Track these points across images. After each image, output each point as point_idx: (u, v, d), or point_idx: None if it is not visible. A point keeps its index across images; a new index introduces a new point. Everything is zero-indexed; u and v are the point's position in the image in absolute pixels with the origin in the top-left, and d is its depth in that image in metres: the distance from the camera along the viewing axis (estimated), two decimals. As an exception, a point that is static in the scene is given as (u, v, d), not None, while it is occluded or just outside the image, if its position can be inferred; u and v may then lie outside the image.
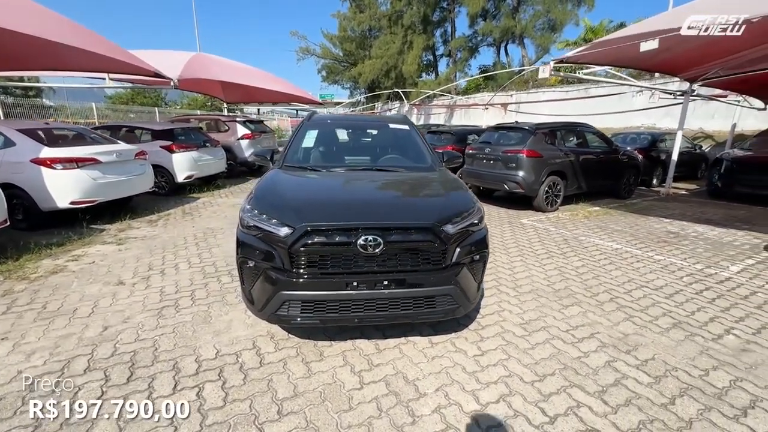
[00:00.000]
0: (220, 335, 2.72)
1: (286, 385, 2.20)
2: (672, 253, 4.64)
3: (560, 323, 2.94)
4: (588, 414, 1.99)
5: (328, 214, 2.32)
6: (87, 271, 3.86)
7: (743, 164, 8.01)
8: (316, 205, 2.48)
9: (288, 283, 2.21)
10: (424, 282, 2.29)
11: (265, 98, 17.65)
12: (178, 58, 9.13)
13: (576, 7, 21.11)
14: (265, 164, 3.76)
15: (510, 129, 7.40)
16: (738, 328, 2.90)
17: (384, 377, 2.28)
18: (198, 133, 8.65)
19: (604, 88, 16.24)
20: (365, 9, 27.86)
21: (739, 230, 5.76)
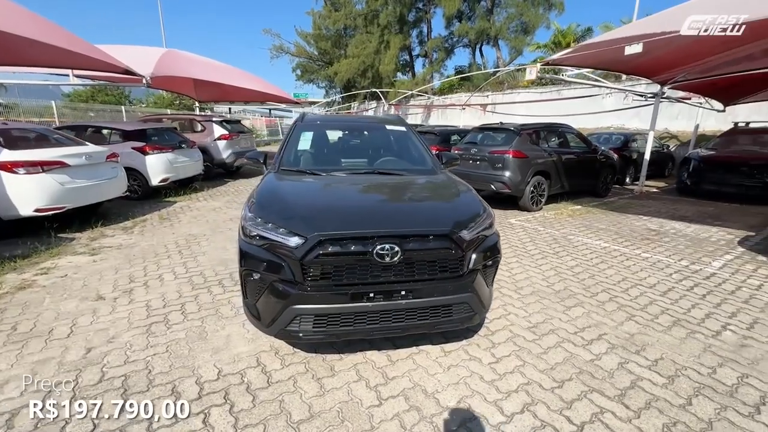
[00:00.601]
0: (220, 353, 2.53)
1: (300, 405, 2.06)
2: (657, 251, 4.80)
3: (567, 325, 2.95)
4: (613, 420, 1.97)
5: (341, 222, 2.19)
6: (60, 286, 3.53)
7: (709, 163, 8.47)
8: (327, 213, 2.34)
9: (300, 297, 2.07)
10: (441, 291, 2.20)
11: (240, 97, 17.08)
12: (148, 55, 8.60)
13: (547, 10, 21.75)
14: (258, 167, 3.57)
15: (495, 130, 7.47)
16: (732, 323, 3.00)
17: (402, 391, 2.18)
18: (173, 133, 8.21)
19: (576, 90, 16.81)
20: (341, 8, 27.54)
21: (712, 226, 6.05)
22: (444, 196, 2.69)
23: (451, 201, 2.59)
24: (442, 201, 2.62)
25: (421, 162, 3.47)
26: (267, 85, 15.62)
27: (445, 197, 2.67)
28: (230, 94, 16.34)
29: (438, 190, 2.85)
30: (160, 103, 30.79)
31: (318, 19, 30.31)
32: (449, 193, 2.72)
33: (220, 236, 5.14)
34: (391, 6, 24.63)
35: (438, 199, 2.67)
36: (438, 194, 2.76)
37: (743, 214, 6.99)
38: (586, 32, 23.89)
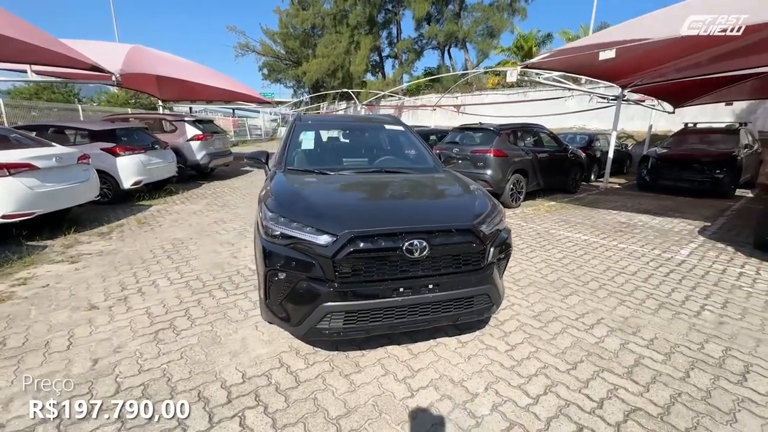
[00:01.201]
0: (239, 356, 2.48)
1: (334, 401, 2.08)
2: (631, 241, 5.19)
3: (567, 312, 3.14)
4: (627, 395, 2.15)
5: (370, 220, 2.23)
6: (44, 297, 3.29)
7: (665, 161, 9.22)
8: (353, 211, 2.36)
9: (331, 294, 2.09)
10: (464, 283, 2.30)
11: (209, 96, 16.47)
12: (114, 51, 8.12)
13: (511, 16, 22.68)
14: (260, 167, 3.52)
15: (475, 130, 7.73)
16: (708, 304, 3.33)
17: (430, 382, 2.25)
18: (144, 133, 7.80)
19: (540, 92, 17.68)
20: (308, 6, 27.21)
21: (674, 218, 6.61)
22: (458, 193, 2.79)
23: (466, 197, 2.69)
24: (459, 197, 2.72)
25: (423, 161, 3.56)
26: (236, 84, 15.19)
27: (460, 194, 2.77)
28: (198, 93, 15.70)
29: (450, 187, 2.94)
30: (113, 102, 28.98)
31: (285, 17, 29.81)
32: (462, 190, 2.82)
33: (208, 239, 4.97)
34: (361, 6, 24.66)
35: (454, 196, 2.77)
36: (452, 191, 2.86)
37: (697, 206, 7.67)
38: (546, 38, 25.14)
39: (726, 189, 8.46)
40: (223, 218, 6.12)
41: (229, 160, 10.90)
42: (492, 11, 22.14)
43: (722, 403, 2.10)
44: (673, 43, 5.27)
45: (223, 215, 6.31)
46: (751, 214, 7.00)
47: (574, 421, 1.96)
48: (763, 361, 2.49)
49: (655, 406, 2.07)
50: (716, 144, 9.19)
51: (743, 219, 6.57)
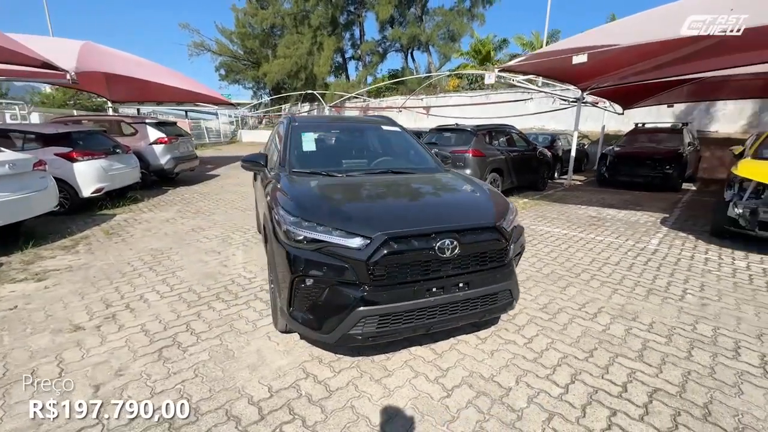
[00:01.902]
0: (258, 369, 2.35)
1: (373, 408, 2.03)
2: (606, 234, 5.54)
3: (569, 303, 3.29)
4: (645, 377, 2.29)
5: (401, 221, 2.20)
6: (15, 320, 2.93)
7: (622, 158, 9.95)
8: (383, 212, 2.33)
9: (365, 298, 2.04)
10: (490, 280, 2.33)
11: (167, 97, 15.52)
12: (64, 47, 7.41)
13: (471, 21, 23.45)
14: (259, 170, 3.37)
15: (453, 131, 7.90)
16: (689, 288, 3.63)
17: (462, 380, 2.26)
18: (103, 137, 7.18)
19: (502, 94, 18.46)
20: (267, 5, 26.45)
21: (636, 211, 7.14)
22: (475, 192, 2.83)
23: (484, 196, 2.73)
24: (477, 196, 2.75)
25: (426, 161, 3.58)
26: (197, 84, 14.47)
27: (477, 193, 2.81)
28: (154, 94, 14.72)
29: (464, 186, 2.97)
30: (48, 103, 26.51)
31: (243, 16, 28.77)
32: (477, 189, 2.87)
33: (190, 249, 4.68)
34: (323, 7, 24.38)
35: (472, 195, 2.80)
36: (468, 190, 2.89)
37: (653, 200, 8.34)
38: (502, 42, 26.29)
39: (675, 183, 9.28)
40: (201, 226, 5.78)
41: (195, 164, 10.33)
42: (453, 16, 22.80)
43: (726, 377, 2.29)
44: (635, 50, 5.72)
45: (200, 222, 5.97)
46: (698, 205, 7.75)
47: (606, 405, 2.05)
48: (747, 337, 2.75)
49: (671, 385, 2.22)
50: (664, 142, 10.06)
51: (694, 210, 7.26)
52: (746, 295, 3.45)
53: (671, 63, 6.84)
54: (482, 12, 23.68)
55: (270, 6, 26.24)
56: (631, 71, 7.58)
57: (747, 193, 4.71)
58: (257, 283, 3.68)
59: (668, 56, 6.40)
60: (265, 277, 3.81)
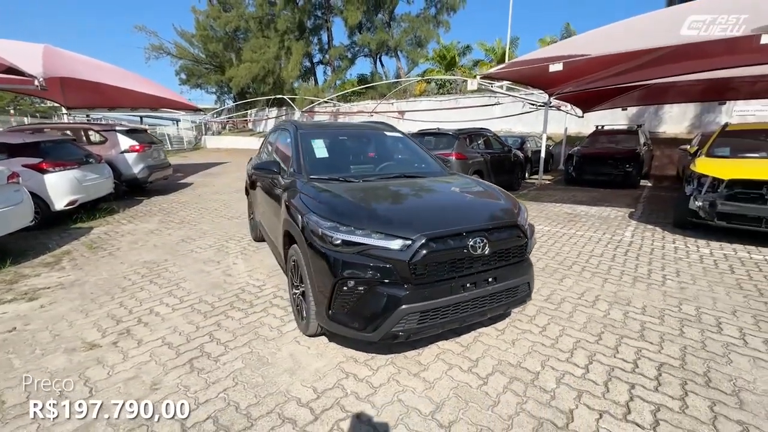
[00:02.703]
0: (297, 373, 2.40)
1: (419, 399, 2.15)
2: (584, 228, 5.98)
3: (569, 293, 3.57)
4: (650, 353, 2.57)
5: (437, 223, 2.34)
6: (19, 342, 2.77)
7: (586, 158, 10.68)
8: (418, 215, 2.45)
9: (407, 296, 2.16)
10: (513, 274, 2.53)
11: (129, 102, 14.75)
12: (23, 50, 6.92)
13: (436, 27, 24.14)
14: (273, 177, 3.38)
15: (435, 135, 8.17)
16: (667, 274, 4.04)
17: (494, 368, 2.43)
18: (73, 146, 6.77)
19: (470, 98, 19.14)
20: (230, 8, 25.80)
21: (606, 207, 7.73)
22: (491, 193, 3.02)
23: (500, 197, 2.93)
24: (494, 197, 2.94)
25: (433, 165, 3.74)
26: (162, 89, 13.87)
27: (492, 194, 3.00)
28: (115, 99, 13.94)
29: (479, 188, 3.16)
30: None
31: (204, 18, 27.86)
32: (492, 191, 3.07)
33: (186, 260, 4.56)
34: (289, 12, 24.14)
35: (490, 196, 2.98)
36: (484, 192, 3.07)
37: (617, 196, 9.03)
38: (466, 48, 27.33)
39: (634, 180, 10.11)
40: (190, 236, 5.62)
41: (168, 173, 9.92)
42: (419, 22, 23.39)
43: (716, 349, 2.62)
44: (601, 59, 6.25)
45: (188, 233, 5.80)
46: (658, 199, 8.50)
47: (624, 381, 2.29)
48: (725, 314, 3.13)
49: (674, 359, 2.51)
50: (622, 143, 10.92)
51: (655, 204, 7.96)
52: (715, 278, 3.90)
53: (629, 70, 7.51)
54: (447, 19, 24.52)
55: (234, 9, 25.60)
56: (594, 78, 8.22)
57: (704, 187, 5.28)
58: (268, 290, 3.68)
59: (628, 65, 7.03)
60: (274, 284, 3.82)
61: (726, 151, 5.82)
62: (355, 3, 22.71)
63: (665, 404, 2.09)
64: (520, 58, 6.51)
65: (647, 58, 6.31)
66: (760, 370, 2.39)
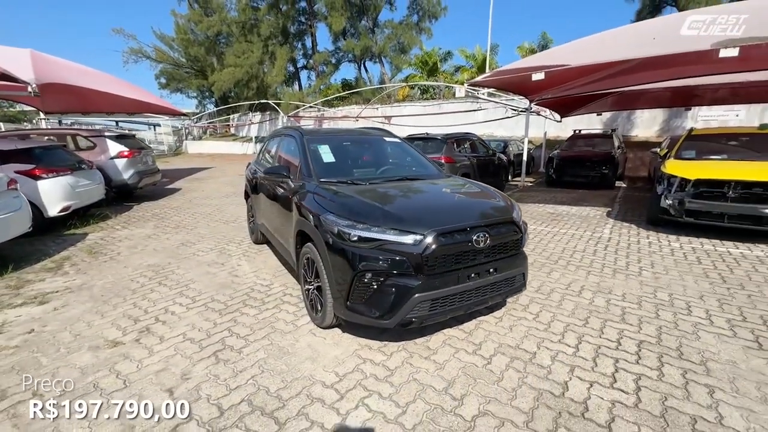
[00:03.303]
0: (318, 360, 2.60)
1: (432, 378, 2.39)
2: (566, 227, 6.38)
3: (557, 285, 3.90)
4: (630, 333, 2.90)
5: (444, 219, 2.60)
6: (41, 342, 2.87)
7: (565, 161, 11.24)
8: (428, 213, 2.71)
9: (421, 286, 2.40)
10: (511, 265, 2.81)
11: (112, 107, 14.51)
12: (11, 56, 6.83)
13: (419, 34, 24.69)
14: (283, 180, 3.57)
15: (424, 139, 8.47)
16: (642, 265, 4.43)
17: (495, 350, 2.70)
18: (64, 152, 6.73)
19: (453, 104, 19.67)
20: (212, 12, 25.62)
21: (585, 207, 8.20)
22: (488, 193, 3.31)
23: (496, 196, 3.22)
24: (490, 196, 3.23)
25: (429, 168, 4.01)
26: (146, 93, 13.72)
27: (489, 194, 3.29)
28: (97, 104, 13.69)
29: (476, 188, 3.44)
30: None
31: (185, 22, 27.53)
32: (487, 191, 3.36)
33: (190, 263, 4.67)
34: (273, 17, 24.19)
35: (486, 195, 3.27)
36: (481, 192, 3.36)
37: (595, 196, 9.57)
38: (447, 55, 28.01)
39: (610, 182, 10.70)
40: (189, 240, 5.71)
41: (157, 178, 9.87)
42: (402, 29, 23.88)
43: (686, 328, 2.98)
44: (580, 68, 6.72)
45: (186, 237, 5.88)
46: (632, 199, 9.06)
47: (609, 356, 2.60)
48: (693, 299, 3.51)
49: (651, 337, 2.85)
50: (598, 146, 11.55)
51: (630, 203, 8.50)
52: (685, 269, 4.31)
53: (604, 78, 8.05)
54: (429, 26, 25.14)
55: (216, 13, 25.42)
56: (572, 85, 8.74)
57: (674, 187, 5.76)
58: (276, 289, 3.85)
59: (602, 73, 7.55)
60: (281, 283, 3.99)
61: (692, 153, 6.35)
62: (339, 9, 23.02)
63: (645, 374, 2.41)
64: (506, 68, 6.92)
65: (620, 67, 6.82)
66: (723, 344, 2.75)
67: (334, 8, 23.19)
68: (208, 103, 34.48)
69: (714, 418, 2.03)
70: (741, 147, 6.25)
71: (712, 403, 2.14)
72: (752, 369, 2.45)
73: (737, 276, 4.05)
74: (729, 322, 3.07)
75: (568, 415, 2.07)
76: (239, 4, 25.64)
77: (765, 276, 4.03)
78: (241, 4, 25.45)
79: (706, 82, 9.07)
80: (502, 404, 2.16)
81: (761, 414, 2.06)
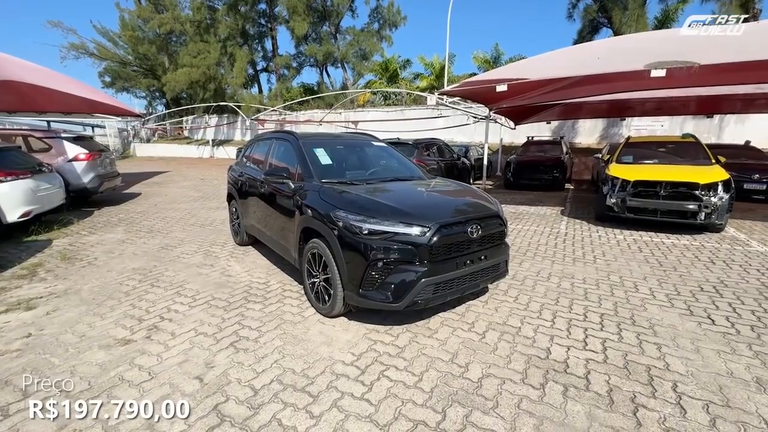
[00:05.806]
0: (332, 344, 2.85)
1: (438, 352, 2.74)
2: (530, 224, 7.07)
3: (528, 273, 4.43)
4: (594, 308, 3.44)
5: (444, 213, 2.97)
6: (47, 344, 2.84)
7: (522, 165, 12.20)
8: (429, 208, 3.06)
9: (427, 271, 2.75)
10: (497, 254, 3.25)
11: (56, 107, 13.33)
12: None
13: (380, 41, 25.29)
14: (283, 182, 3.75)
15: (395, 144, 8.84)
16: (596, 255, 5.11)
17: (487, 327, 3.11)
18: (20, 154, 6.31)
19: (415, 110, 20.41)
20: (164, 10, 24.46)
21: (541, 207, 9.04)
22: (473, 192, 3.73)
23: (481, 194, 3.65)
24: (476, 194, 3.65)
25: (415, 170, 4.38)
26: (97, 93, 12.90)
27: (474, 192, 3.72)
28: (38, 103, 12.55)
29: (461, 188, 3.86)
30: None
31: (132, 18, 26.00)
32: (472, 189, 3.79)
33: (177, 265, 4.66)
34: (231, 18, 23.61)
35: (474, 194, 3.68)
36: (467, 191, 3.78)
37: (549, 197, 10.52)
38: (406, 62, 28.98)
39: (561, 184, 11.79)
40: (168, 244, 5.63)
41: (118, 182, 9.40)
42: (364, 36, 24.37)
43: (636, 302, 3.59)
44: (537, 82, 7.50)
45: (164, 241, 5.78)
46: (580, 199, 10.09)
47: (579, 327, 3.11)
48: (639, 279, 4.18)
49: (609, 310, 3.41)
50: (550, 152, 12.67)
51: (578, 203, 9.48)
52: (629, 256, 5.05)
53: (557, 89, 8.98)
54: (389, 34, 25.86)
55: (168, 10, 24.29)
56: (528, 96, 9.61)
57: (617, 187, 6.62)
58: (274, 285, 4.02)
59: (557, 85, 8.43)
60: (278, 280, 4.15)
61: (630, 158, 7.32)
62: (301, 14, 23.00)
63: (608, 337, 2.93)
64: (473, 79, 7.54)
65: (571, 81, 7.70)
66: (665, 312, 3.38)
67: (297, 12, 23.15)
68: (158, 104, 32.75)
69: (662, 366, 2.57)
70: (669, 153, 7.31)
71: (660, 356, 2.69)
72: (687, 330, 3.07)
73: (670, 260, 4.83)
74: (667, 296, 3.74)
75: (554, 372, 2.50)
76: (193, 3, 24.73)
77: (691, 260, 4.85)
78: (196, 2, 24.58)
79: (636, 97, 10.38)
80: (500, 367, 2.56)
81: (695, 360, 2.63)
